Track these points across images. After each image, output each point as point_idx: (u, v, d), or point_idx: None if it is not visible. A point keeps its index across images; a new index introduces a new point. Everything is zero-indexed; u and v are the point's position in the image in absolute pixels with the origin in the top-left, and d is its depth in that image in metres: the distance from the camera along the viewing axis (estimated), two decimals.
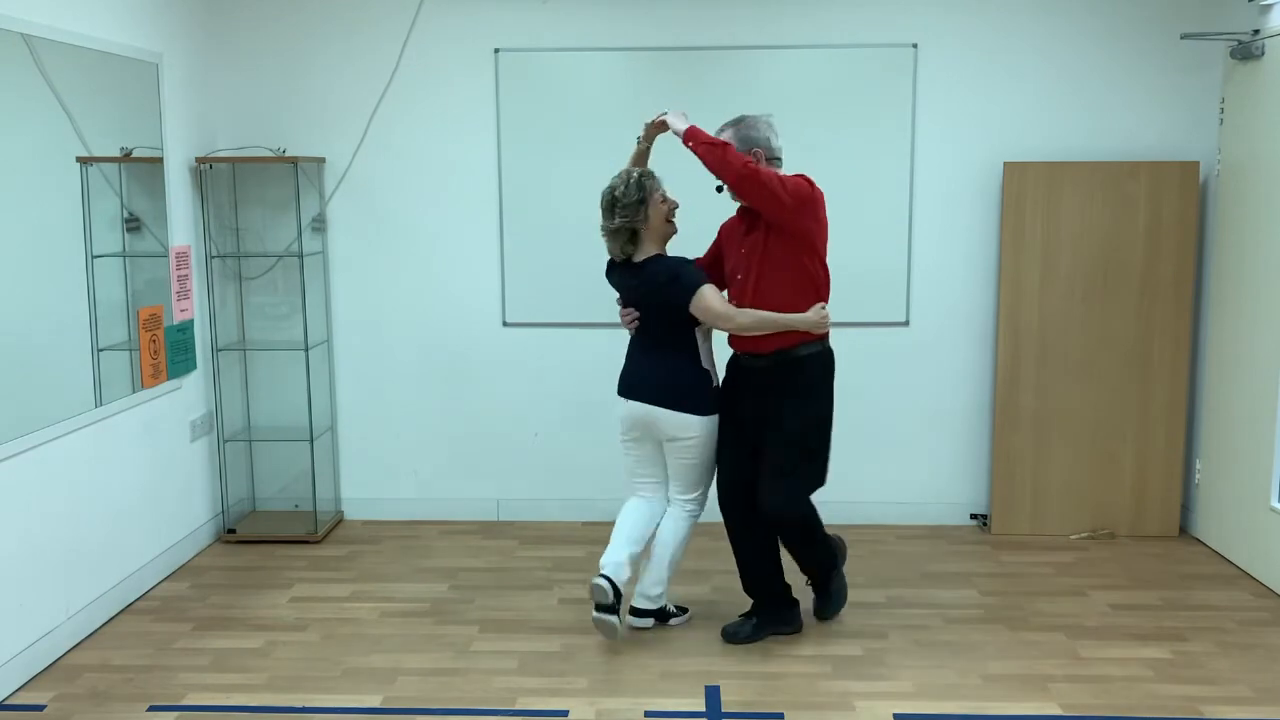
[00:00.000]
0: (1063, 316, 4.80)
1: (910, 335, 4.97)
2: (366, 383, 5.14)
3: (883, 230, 4.89)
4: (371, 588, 4.37)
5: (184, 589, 4.38)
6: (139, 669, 3.66)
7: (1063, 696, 3.42)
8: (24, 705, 3.42)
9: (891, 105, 4.82)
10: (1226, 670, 3.60)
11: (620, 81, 4.89)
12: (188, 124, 4.69)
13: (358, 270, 5.05)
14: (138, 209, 4.36)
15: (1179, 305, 4.76)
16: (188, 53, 4.69)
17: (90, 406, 3.95)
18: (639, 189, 3.63)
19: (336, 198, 5.01)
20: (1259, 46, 4.36)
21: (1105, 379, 4.82)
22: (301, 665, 3.68)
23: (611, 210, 3.65)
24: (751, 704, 3.38)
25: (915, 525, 5.06)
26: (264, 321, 5.07)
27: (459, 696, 3.44)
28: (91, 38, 3.94)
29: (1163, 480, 4.87)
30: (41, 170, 3.78)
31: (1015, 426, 4.88)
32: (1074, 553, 4.73)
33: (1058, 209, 4.74)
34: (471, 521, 5.15)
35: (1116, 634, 3.88)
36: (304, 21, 4.89)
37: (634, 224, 3.64)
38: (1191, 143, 4.78)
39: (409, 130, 4.94)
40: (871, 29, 4.79)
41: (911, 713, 3.32)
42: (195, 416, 4.77)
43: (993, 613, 4.08)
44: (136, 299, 4.29)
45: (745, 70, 4.81)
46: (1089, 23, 4.75)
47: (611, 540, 3.79)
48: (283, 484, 5.18)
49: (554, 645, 3.81)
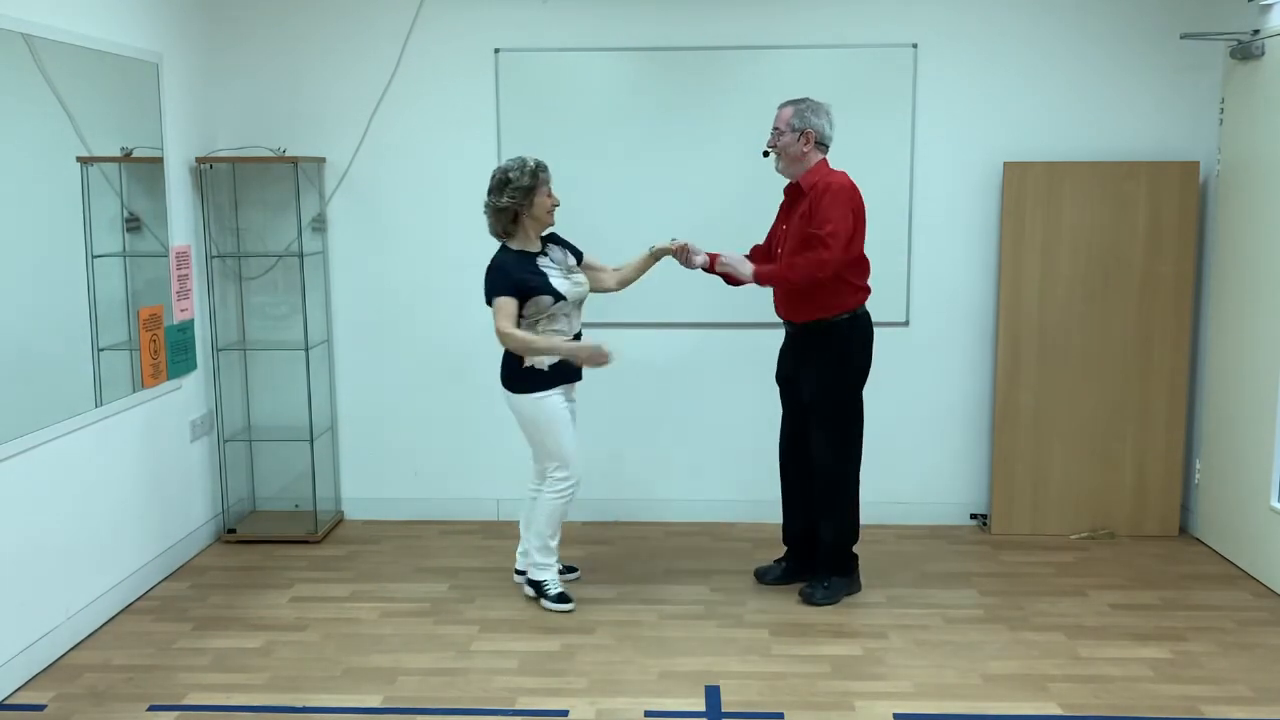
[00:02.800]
0: (1063, 316, 4.80)
1: (910, 335, 4.97)
2: (366, 383, 5.14)
3: (883, 230, 4.87)
4: (371, 588, 4.37)
5: (184, 589, 4.38)
6: (139, 669, 3.66)
7: (1062, 696, 3.42)
8: (24, 705, 3.42)
9: (891, 105, 4.82)
10: (1226, 670, 3.60)
11: (620, 81, 4.89)
12: (188, 124, 4.69)
13: (358, 270, 5.05)
14: (138, 209, 4.36)
15: (1179, 305, 4.77)
16: (188, 53, 4.69)
17: (90, 406, 3.95)
18: (533, 177, 3.89)
19: (336, 198, 5.01)
20: (1259, 46, 4.36)
21: (1105, 379, 4.82)
22: (301, 665, 3.68)
23: (502, 190, 3.89)
24: (751, 704, 3.38)
25: (915, 525, 5.06)
26: (264, 321, 5.08)
27: (459, 696, 3.44)
28: (91, 38, 3.94)
29: (1163, 480, 4.87)
30: (41, 170, 3.78)
31: (1015, 426, 4.88)
32: (1074, 553, 4.73)
33: (1058, 209, 4.74)
34: (471, 521, 5.15)
35: (1116, 634, 3.88)
36: (304, 22, 4.89)
37: (518, 207, 3.89)
38: (1191, 143, 4.78)
39: (409, 130, 4.94)
40: (871, 29, 4.79)
41: (911, 713, 3.32)
42: (195, 416, 4.77)
43: (993, 613, 4.08)
44: (137, 299, 4.29)
45: (745, 70, 4.81)
46: (1089, 23, 4.75)
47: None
48: (283, 484, 5.18)
49: (554, 645, 3.81)
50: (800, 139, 3.93)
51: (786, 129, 3.95)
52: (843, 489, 4.13)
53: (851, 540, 4.20)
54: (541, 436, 4.04)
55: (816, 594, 4.14)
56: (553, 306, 3.92)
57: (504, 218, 3.93)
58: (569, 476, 4.05)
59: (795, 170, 3.98)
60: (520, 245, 3.98)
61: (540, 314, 3.93)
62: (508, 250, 3.98)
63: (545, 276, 3.94)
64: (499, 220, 3.95)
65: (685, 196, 4.88)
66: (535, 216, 3.95)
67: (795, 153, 3.94)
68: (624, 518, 5.14)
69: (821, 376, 4.04)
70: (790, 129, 3.94)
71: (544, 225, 4.01)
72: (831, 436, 4.08)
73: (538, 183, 3.91)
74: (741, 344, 4.94)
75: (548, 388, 3.99)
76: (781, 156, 3.99)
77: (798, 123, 3.93)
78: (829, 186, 3.88)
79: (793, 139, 3.94)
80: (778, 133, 3.98)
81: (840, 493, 4.13)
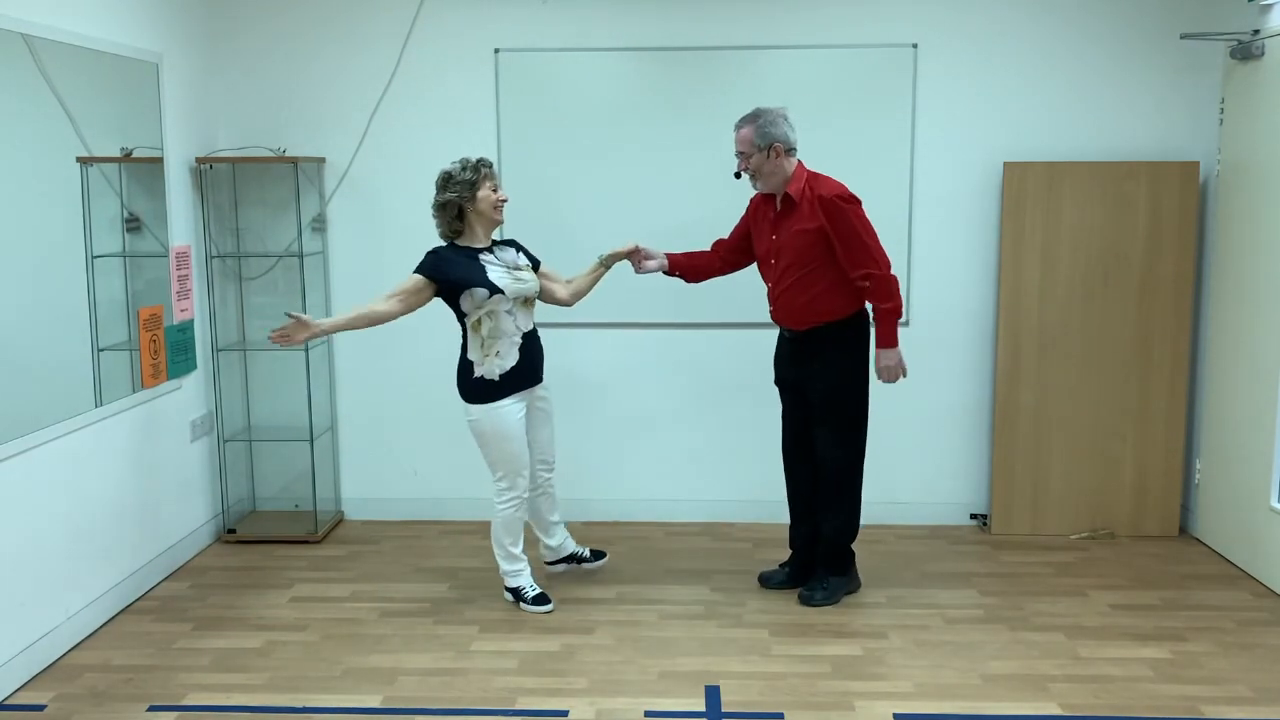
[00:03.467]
0: (1063, 316, 4.80)
1: (910, 335, 4.95)
2: (366, 383, 5.14)
3: (883, 230, 4.81)
4: (371, 588, 4.37)
5: (184, 589, 4.38)
6: (139, 669, 3.66)
7: (1062, 696, 3.42)
8: (24, 705, 3.42)
9: (891, 105, 4.82)
10: (1226, 670, 3.60)
11: (620, 81, 4.89)
12: (188, 124, 4.69)
13: (358, 270, 5.05)
14: (138, 209, 4.36)
15: (1179, 305, 4.76)
16: (188, 53, 4.69)
17: (90, 406, 3.95)
18: (474, 171, 3.88)
19: (336, 198, 5.01)
20: (1259, 46, 4.36)
21: (1105, 379, 4.82)
22: (301, 665, 3.68)
23: (445, 186, 3.90)
24: (751, 704, 3.38)
25: (915, 525, 5.06)
26: (264, 321, 5.07)
27: (459, 696, 3.44)
28: (91, 38, 3.94)
29: (1163, 480, 4.87)
30: (41, 170, 3.78)
31: (1015, 426, 4.88)
32: (1074, 553, 4.73)
33: (1058, 209, 4.74)
34: (471, 521, 5.14)
35: (1116, 634, 3.88)
36: (304, 21, 4.89)
37: (461, 201, 3.87)
38: (1191, 143, 4.78)
39: (409, 130, 4.94)
40: (871, 29, 4.79)
41: (911, 713, 3.32)
42: (195, 416, 4.77)
43: (992, 613, 4.08)
44: (137, 299, 4.29)
45: (745, 70, 4.81)
46: (1089, 23, 4.75)
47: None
48: (283, 484, 5.18)
49: (554, 645, 3.81)
50: (769, 155, 3.87)
51: (752, 150, 3.89)
52: (848, 484, 4.13)
53: (851, 537, 4.19)
54: (484, 446, 3.99)
55: (816, 595, 4.14)
56: (489, 300, 3.86)
57: (448, 214, 3.91)
58: (510, 488, 4.02)
59: (775, 184, 3.94)
60: (466, 242, 3.96)
61: (478, 308, 3.88)
62: (452, 245, 3.97)
63: (484, 270, 3.88)
64: (444, 218, 3.93)
65: (685, 196, 4.88)
66: (480, 211, 3.90)
67: (769, 170, 3.90)
68: (624, 518, 5.14)
69: (829, 377, 4.02)
70: (756, 149, 3.88)
71: (492, 222, 3.96)
72: (840, 434, 4.07)
73: (479, 176, 3.88)
74: (743, 344, 4.93)
75: (499, 397, 3.92)
76: (756, 177, 3.95)
77: (761, 141, 3.86)
78: (836, 206, 3.83)
79: (761, 158, 3.88)
80: (744, 156, 3.92)
81: (846, 488, 4.12)
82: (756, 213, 4.12)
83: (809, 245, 3.89)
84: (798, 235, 3.89)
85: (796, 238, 3.90)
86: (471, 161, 3.91)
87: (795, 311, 4.00)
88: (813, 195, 3.88)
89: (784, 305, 4.03)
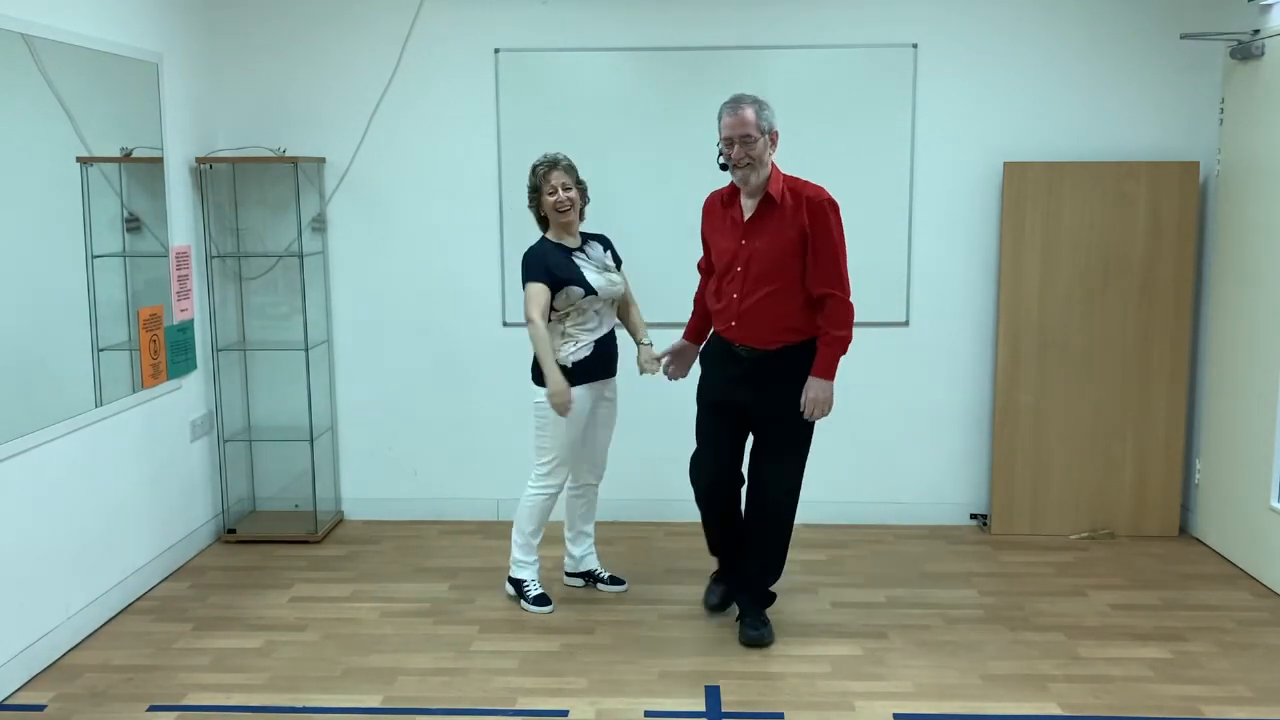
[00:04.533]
0: (1063, 316, 4.80)
1: (910, 335, 4.97)
2: (366, 383, 5.14)
3: (883, 230, 4.89)
4: (371, 588, 4.37)
5: (184, 589, 4.38)
6: (139, 669, 3.66)
7: (1062, 696, 3.42)
8: (24, 705, 3.42)
9: (891, 105, 4.82)
10: (1226, 670, 3.60)
11: (620, 81, 4.89)
12: (188, 124, 4.69)
13: (358, 270, 5.05)
14: (138, 209, 4.36)
15: (1179, 305, 4.76)
16: (188, 53, 4.69)
17: (90, 406, 3.95)
18: (533, 175, 3.98)
19: (336, 198, 5.01)
20: (1259, 46, 4.36)
21: (1105, 379, 4.82)
22: (301, 665, 3.68)
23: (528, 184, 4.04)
24: (751, 704, 3.38)
25: (915, 525, 5.06)
26: (264, 321, 5.08)
27: (459, 696, 3.44)
28: (91, 38, 3.94)
29: (1163, 480, 4.87)
30: (41, 170, 3.78)
31: (1015, 426, 4.88)
32: (1074, 553, 4.73)
33: (1058, 209, 4.74)
34: (471, 521, 5.15)
35: (1116, 634, 3.88)
36: (304, 21, 4.89)
37: (531, 206, 4.03)
38: (1191, 143, 4.78)
39: (409, 130, 4.94)
40: (871, 29, 4.79)
41: (911, 713, 3.32)
42: (195, 416, 4.77)
43: (993, 613, 4.08)
44: (137, 299, 4.29)
45: (745, 70, 4.80)
46: (1089, 23, 4.75)
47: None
48: (283, 484, 5.18)
49: (554, 645, 3.81)
50: (770, 142, 3.51)
51: (758, 134, 3.46)
52: (788, 526, 3.79)
53: (777, 578, 3.88)
54: (542, 430, 4.00)
55: (765, 634, 3.77)
56: (582, 300, 3.90)
57: (533, 210, 4.04)
58: (550, 475, 4.02)
59: (761, 179, 3.53)
60: (556, 238, 4.00)
61: (570, 305, 3.91)
62: (545, 240, 4.00)
63: (578, 269, 3.93)
64: (534, 211, 4.05)
65: (685, 196, 4.87)
66: (550, 215, 3.97)
67: (766, 160, 3.51)
68: (624, 518, 5.14)
69: (791, 405, 3.60)
70: (760, 132, 3.47)
71: (557, 221, 3.97)
72: (789, 467, 3.70)
73: (538, 179, 3.95)
74: None
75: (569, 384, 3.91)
76: (752, 167, 3.49)
77: (765, 124, 3.48)
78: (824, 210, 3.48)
79: (765, 145, 3.48)
80: (748, 140, 3.45)
81: (786, 531, 3.80)
82: (712, 218, 3.75)
83: (789, 253, 3.51)
84: (776, 241, 3.52)
85: (775, 244, 3.52)
86: (535, 163, 3.97)
87: (763, 327, 3.59)
88: (795, 197, 3.52)
89: (750, 320, 3.59)
